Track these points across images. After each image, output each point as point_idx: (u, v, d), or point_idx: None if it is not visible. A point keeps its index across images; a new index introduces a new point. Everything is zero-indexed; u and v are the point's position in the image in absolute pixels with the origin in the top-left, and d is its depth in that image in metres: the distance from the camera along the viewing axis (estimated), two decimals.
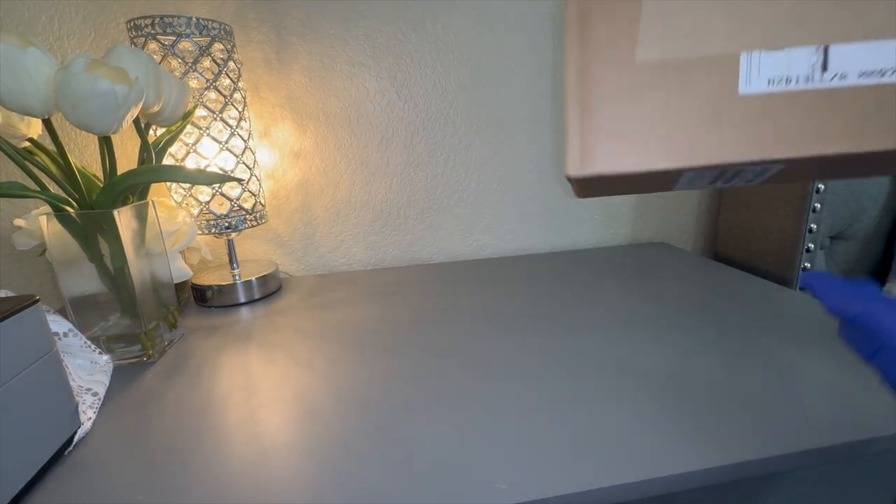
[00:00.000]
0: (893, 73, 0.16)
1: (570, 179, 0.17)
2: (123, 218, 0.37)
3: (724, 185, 0.19)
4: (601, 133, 0.17)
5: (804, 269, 0.58)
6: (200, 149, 0.49)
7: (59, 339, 0.34)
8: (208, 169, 0.50)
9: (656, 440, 0.27)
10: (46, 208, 0.43)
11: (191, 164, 0.49)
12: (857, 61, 0.16)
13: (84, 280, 0.39)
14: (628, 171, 0.17)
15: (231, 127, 0.50)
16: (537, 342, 0.40)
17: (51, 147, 0.37)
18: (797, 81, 0.16)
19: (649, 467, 0.25)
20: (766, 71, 0.16)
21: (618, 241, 0.75)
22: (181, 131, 0.46)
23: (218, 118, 0.49)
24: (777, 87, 0.16)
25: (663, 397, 0.31)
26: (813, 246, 0.57)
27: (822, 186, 0.57)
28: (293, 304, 0.53)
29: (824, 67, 0.16)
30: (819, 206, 0.58)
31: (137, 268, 0.39)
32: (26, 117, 0.36)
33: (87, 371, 0.35)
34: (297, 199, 0.64)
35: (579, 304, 0.48)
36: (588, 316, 0.45)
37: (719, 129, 0.17)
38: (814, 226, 0.57)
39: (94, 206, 0.38)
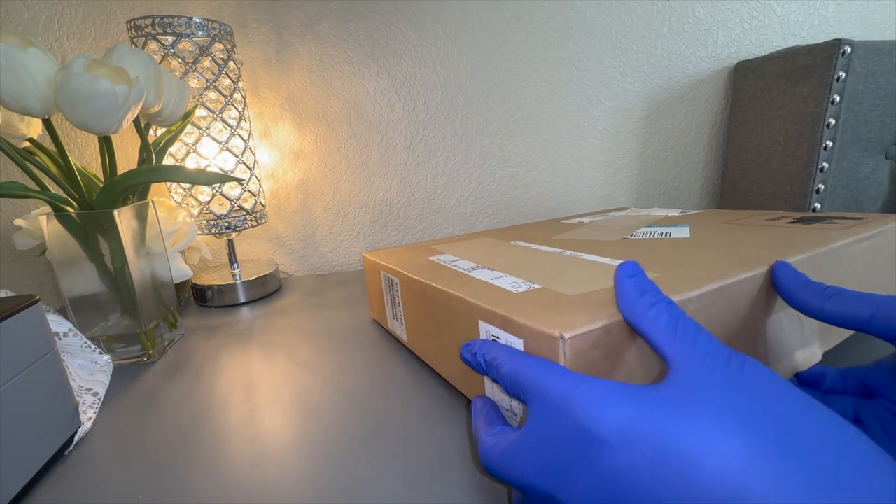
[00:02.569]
0: None
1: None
2: (123, 218, 0.37)
3: None
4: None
5: None
6: (200, 149, 0.49)
7: (59, 339, 0.34)
8: (208, 169, 0.50)
9: None
10: (46, 208, 0.43)
11: (191, 164, 0.49)
12: None
13: (84, 280, 0.39)
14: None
15: (231, 127, 0.50)
16: None
17: (51, 147, 0.37)
18: None
19: None
20: None
21: None
22: (181, 131, 0.46)
23: (218, 118, 0.49)
24: None
25: None
26: None
27: (822, 186, 0.57)
28: (293, 304, 0.53)
29: None
30: (819, 206, 0.58)
31: (137, 268, 0.39)
32: (26, 117, 0.36)
33: (88, 371, 0.35)
34: (297, 199, 0.64)
35: None
36: None
37: None
38: None
39: (94, 206, 0.38)
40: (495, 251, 0.37)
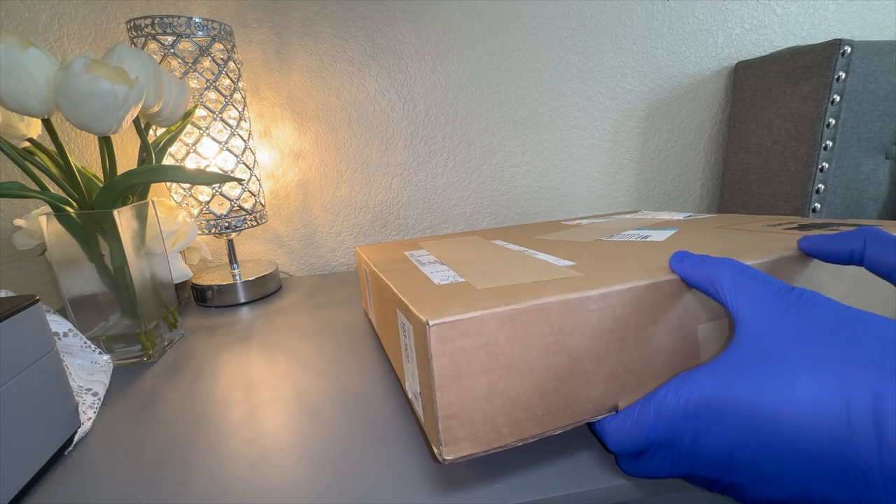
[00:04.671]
0: None
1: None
2: (123, 218, 0.37)
3: None
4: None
5: None
6: (200, 149, 0.49)
7: (59, 339, 0.34)
8: (208, 169, 0.50)
9: None
10: (46, 208, 0.43)
11: (191, 164, 0.49)
12: None
13: (84, 280, 0.39)
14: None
15: (231, 127, 0.50)
16: None
17: (51, 147, 0.37)
18: None
19: None
20: None
21: None
22: (181, 131, 0.46)
23: (218, 118, 0.49)
24: None
25: None
26: None
27: (822, 186, 0.57)
28: (293, 304, 0.53)
29: None
30: (819, 205, 0.58)
31: (137, 268, 0.39)
32: (26, 117, 0.36)
33: (87, 371, 0.35)
34: (297, 199, 0.64)
35: None
36: None
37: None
38: None
39: (94, 206, 0.38)
40: (465, 248, 0.37)
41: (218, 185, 0.50)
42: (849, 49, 0.52)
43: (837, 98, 0.54)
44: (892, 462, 0.14)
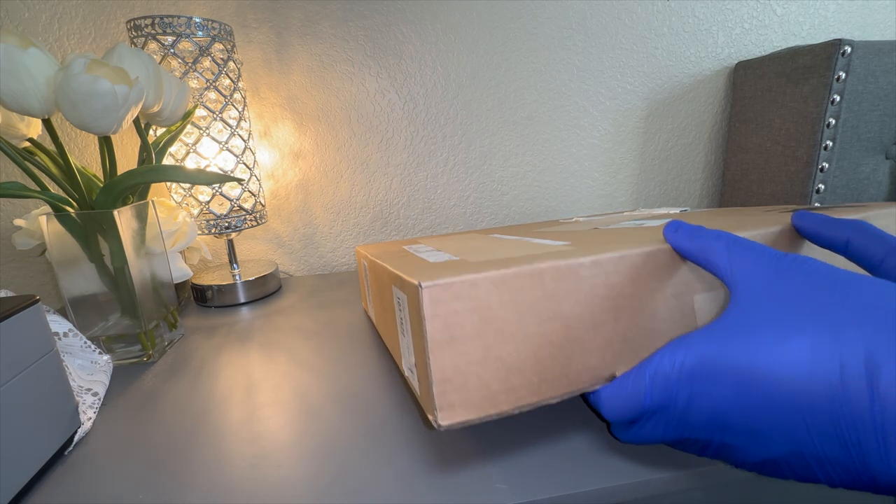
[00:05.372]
0: None
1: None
2: (123, 218, 0.37)
3: None
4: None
5: None
6: (200, 149, 0.49)
7: (59, 339, 0.34)
8: (208, 169, 0.50)
9: None
10: (46, 208, 0.43)
11: (191, 164, 0.49)
12: None
13: (84, 280, 0.39)
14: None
15: (231, 127, 0.50)
16: None
17: (51, 147, 0.37)
18: None
19: (649, 467, 0.25)
20: None
21: None
22: (181, 131, 0.46)
23: (218, 118, 0.49)
24: None
25: None
26: None
27: (822, 186, 0.57)
28: (293, 304, 0.53)
29: None
30: (819, 205, 0.58)
31: (137, 268, 0.39)
32: (26, 117, 0.36)
33: (87, 371, 0.35)
34: (297, 199, 0.64)
35: None
36: None
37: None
38: None
39: (94, 206, 0.38)
40: (462, 239, 0.37)
41: (218, 185, 0.50)
42: (849, 49, 0.52)
43: (837, 98, 0.53)
44: (883, 414, 0.14)
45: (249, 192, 0.53)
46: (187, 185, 0.50)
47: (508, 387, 0.21)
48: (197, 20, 0.45)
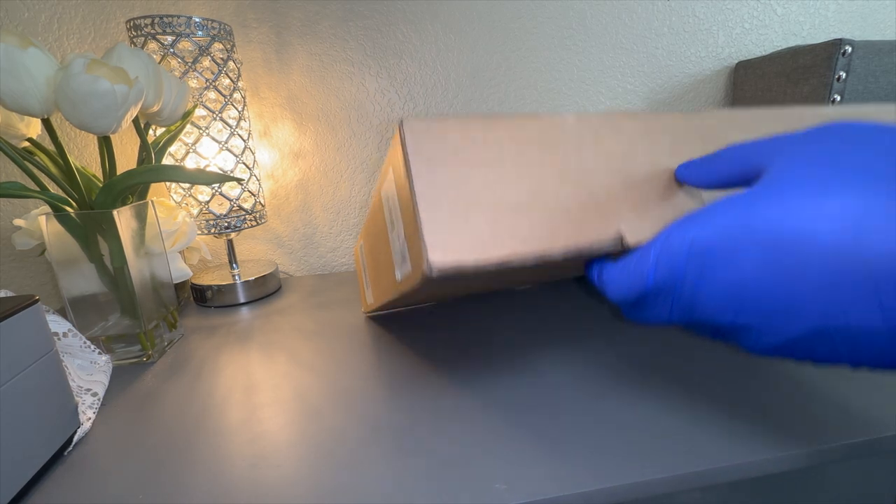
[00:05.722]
0: None
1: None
2: (123, 218, 0.37)
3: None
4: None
5: None
6: (200, 149, 0.49)
7: (59, 339, 0.34)
8: (208, 169, 0.50)
9: (656, 439, 0.27)
10: (46, 208, 0.43)
11: (190, 164, 0.49)
12: None
13: (84, 280, 0.39)
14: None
15: (231, 127, 0.50)
16: (537, 340, 0.40)
17: (50, 147, 0.37)
18: None
19: (649, 467, 0.25)
20: None
21: None
22: (181, 131, 0.46)
23: (217, 118, 0.49)
24: None
25: (663, 396, 0.31)
26: None
27: None
28: (293, 304, 0.53)
29: None
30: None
31: (137, 268, 0.39)
32: (26, 117, 0.36)
33: (87, 371, 0.35)
34: (297, 199, 0.64)
35: (578, 303, 0.48)
36: (587, 315, 0.45)
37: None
38: None
39: (93, 206, 0.38)
40: None
41: (217, 185, 0.50)
42: (849, 49, 0.52)
43: (838, 98, 0.53)
44: None
45: (249, 191, 0.53)
46: (187, 185, 0.50)
47: (500, 229, 0.20)
48: (196, 20, 0.45)
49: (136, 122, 0.39)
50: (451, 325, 0.44)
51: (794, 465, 0.26)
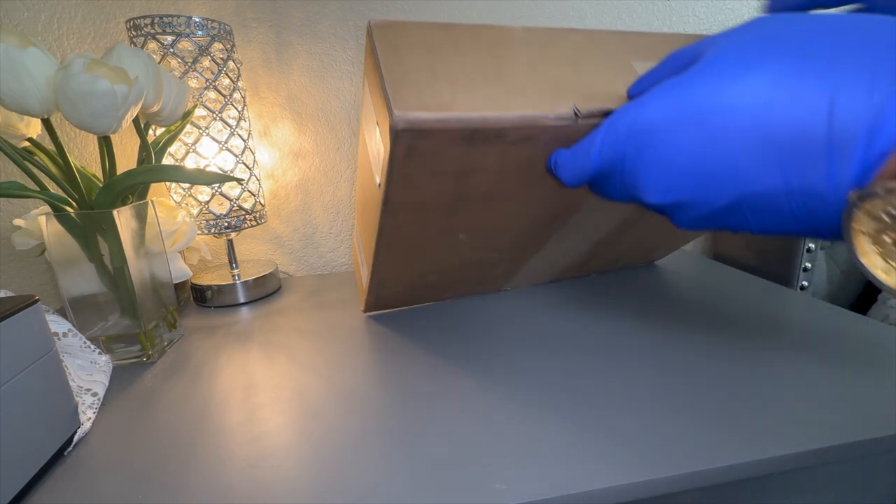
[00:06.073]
0: None
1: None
2: (123, 218, 0.37)
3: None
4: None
5: (805, 269, 0.58)
6: (200, 149, 0.49)
7: (59, 339, 0.34)
8: (208, 169, 0.50)
9: (657, 439, 0.27)
10: (46, 208, 0.43)
11: (190, 163, 0.49)
12: None
13: (84, 280, 0.39)
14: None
15: (231, 127, 0.50)
16: (536, 341, 0.40)
17: (50, 147, 0.37)
18: None
19: (650, 467, 0.25)
20: None
21: None
22: (181, 131, 0.46)
23: (217, 118, 0.49)
24: None
25: (663, 397, 0.31)
26: (814, 246, 0.57)
27: None
28: (293, 304, 0.53)
29: None
30: None
31: (137, 268, 0.39)
32: (26, 117, 0.36)
33: (87, 371, 0.35)
34: (297, 199, 0.64)
35: (576, 304, 0.48)
36: (586, 316, 0.45)
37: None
38: None
39: (93, 206, 0.38)
40: None
41: (217, 184, 0.50)
42: None
43: None
44: (861, 175, 0.13)
45: (249, 191, 0.53)
46: (187, 185, 0.50)
47: (462, 99, 0.22)
48: (196, 20, 0.45)
49: (136, 121, 0.39)
50: (451, 325, 0.44)
51: (795, 465, 0.26)
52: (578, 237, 0.43)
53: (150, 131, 0.48)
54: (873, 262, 0.14)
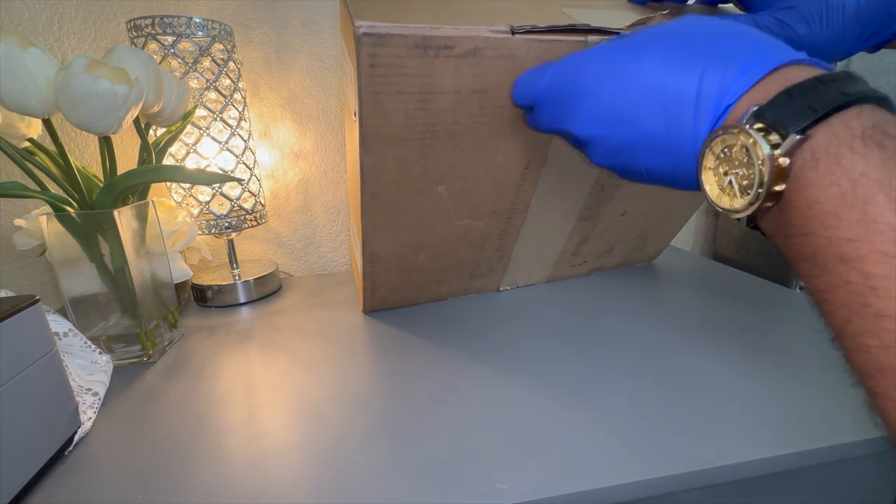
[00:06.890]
0: None
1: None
2: (123, 218, 0.37)
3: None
4: None
5: None
6: (200, 149, 0.49)
7: (59, 339, 0.34)
8: (208, 169, 0.50)
9: (657, 439, 0.27)
10: (46, 208, 0.43)
11: (191, 164, 0.49)
12: None
13: (84, 280, 0.39)
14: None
15: (231, 127, 0.50)
16: (535, 342, 0.40)
17: (51, 147, 0.37)
18: None
19: (650, 467, 0.25)
20: None
21: None
22: (181, 131, 0.46)
23: (218, 118, 0.49)
24: None
25: (663, 397, 0.31)
26: None
27: None
28: (293, 304, 0.53)
29: None
30: None
31: (137, 268, 0.39)
32: (26, 117, 0.36)
33: (87, 371, 0.35)
34: (298, 199, 0.64)
35: (575, 305, 0.48)
36: (585, 316, 0.45)
37: None
38: None
39: (94, 206, 0.38)
40: None
41: (218, 185, 0.50)
42: None
43: None
44: (698, 140, 0.21)
45: (249, 192, 0.53)
46: (187, 185, 0.50)
47: (415, 15, 0.27)
48: (197, 20, 0.45)
49: (136, 122, 0.39)
50: (451, 326, 0.44)
51: (795, 464, 0.26)
52: (556, 204, 0.44)
53: (151, 132, 0.48)
54: (712, 189, 0.20)
